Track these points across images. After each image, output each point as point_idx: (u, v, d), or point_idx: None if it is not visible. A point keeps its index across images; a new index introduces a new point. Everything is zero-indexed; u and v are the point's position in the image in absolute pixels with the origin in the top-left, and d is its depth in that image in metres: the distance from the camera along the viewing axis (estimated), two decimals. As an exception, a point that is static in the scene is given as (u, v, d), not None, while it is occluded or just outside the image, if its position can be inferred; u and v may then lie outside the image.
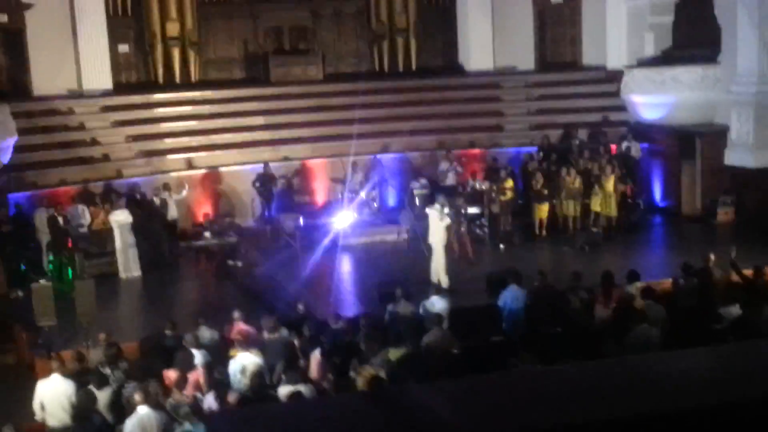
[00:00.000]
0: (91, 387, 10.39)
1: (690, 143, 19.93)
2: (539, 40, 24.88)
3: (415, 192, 19.70)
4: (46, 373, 10.87)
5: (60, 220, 16.85)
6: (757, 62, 18.95)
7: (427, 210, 16.05)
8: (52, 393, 10.36)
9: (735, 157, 19.28)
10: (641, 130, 21.17)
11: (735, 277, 13.08)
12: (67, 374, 10.64)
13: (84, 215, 17.51)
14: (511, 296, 12.75)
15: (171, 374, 10.58)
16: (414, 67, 24.59)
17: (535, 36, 24.83)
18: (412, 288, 13.57)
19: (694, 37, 21.60)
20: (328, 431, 4.51)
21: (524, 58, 24.59)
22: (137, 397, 9.41)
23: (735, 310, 11.51)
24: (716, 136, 19.73)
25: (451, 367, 10.30)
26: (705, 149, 19.75)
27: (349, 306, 14.62)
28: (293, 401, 8.80)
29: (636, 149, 20.42)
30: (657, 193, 20.76)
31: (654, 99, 20.93)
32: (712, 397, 4.73)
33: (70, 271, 15.72)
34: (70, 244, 16.45)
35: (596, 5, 23.46)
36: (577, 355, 9.64)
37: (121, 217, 16.88)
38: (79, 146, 20.17)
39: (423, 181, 20.05)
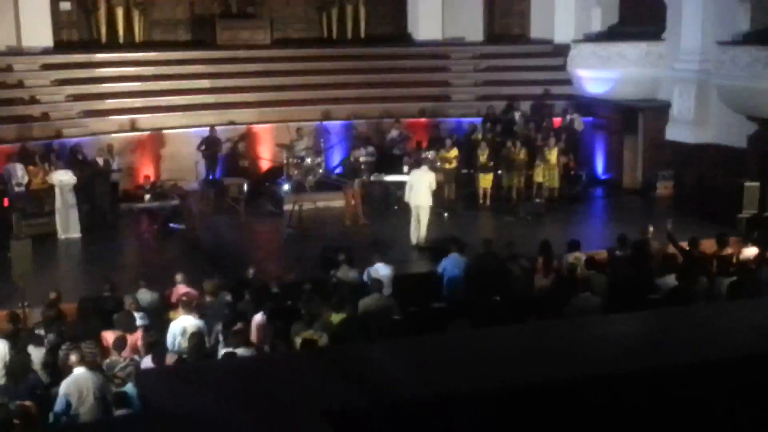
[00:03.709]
0: (27, 347, 10.25)
1: (632, 118, 20.24)
2: (488, 11, 24.85)
3: (361, 159, 19.67)
4: (-21, 333, 10.68)
5: (-3, 179, 16.53)
6: (700, 40, 19.22)
7: (413, 171, 16.11)
8: (-15, 353, 10.18)
9: (675, 132, 19.64)
10: (585, 104, 21.41)
11: (672, 249, 13.36)
12: (0, 335, 10.47)
13: (21, 174, 17.14)
14: (451, 264, 12.89)
15: (109, 336, 10.47)
16: (363, 34, 24.43)
17: (484, 8, 24.80)
18: (356, 254, 13.61)
19: (639, 13, 21.83)
20: (263, 387, 4.50)
21: (473, 29, 24.56)
22: (73, 357, 9.28)
23: (671, 280, 11.73)
24: (658, 111, 20.07)
25: (392, 332, 10.35)
26: (647, 124, 20.11)
27: (293, 271, 14.58)
28: (227, 360, 8.78)
29: (579, 122, 20.65)
30: (599, 166, 21.06)
31: (599, 74, 21.15)
32: (644, 361, 4.81)
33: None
34: (6, 203, 16.10)
35: (546, -22, 23.53)
36: (516, 323, 9.77)
37: (64, 177, 16.52)
38: (17, 104, 19.68)
39: (370, 148, 20.02)
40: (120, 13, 22.21)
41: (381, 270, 12.65)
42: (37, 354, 10.25)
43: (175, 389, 4.52)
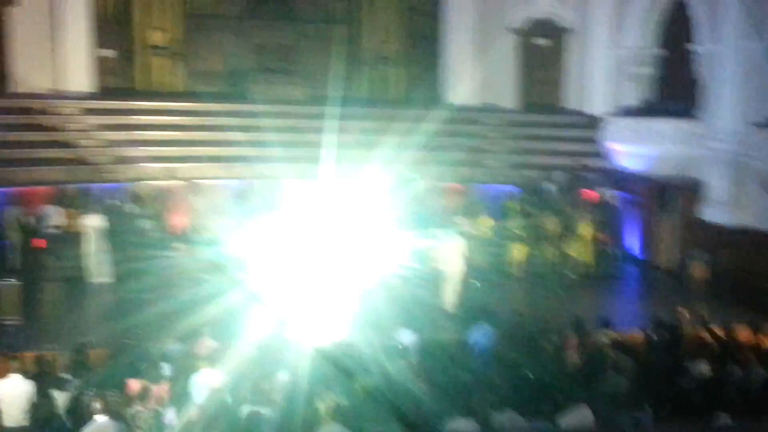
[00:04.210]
0: (52, 391, 10.22)
1: (668, 196, 19.99)
2: (523, 80, 25.01)
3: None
4: (4, 372, 10.67)
5: (32, 220, 16.63)
6: (737, 121, 19.11)
7: (441, 236, 16.09)
8: (11, 393, 10.21)
9: (712, 213, 19.31)
10: (618, 179, 21.25)
11: (705, 334, 13.11)
12: (27, 376, 10.45)
13: (56, 216, 17.27)
14: (481, 334, 12.71)
15: (134, 385, 10.39)
16: (396, 96, 24.60)
17: (519, 76, 24.96)
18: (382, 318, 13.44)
19: (675, 89, 21.84)
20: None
21: (507, 96, 24.71)
22: (96, 405, 9.24)
23: (703, 367, 11.50)
24: (694, 191, 19.76)
25: (416, 404, 10.19)
26: (682, 203, 19.80)
27: (324, 332, 14.42)
28: (251, 422, 8.75)
29: (612, 198, 20.50)
30: (633, 242, 20.76)
31: (634, 149, 21.09)
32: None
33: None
34: (43, 244, 16.21)
35: (580, 51, 23.73)
36: (547, 400, 9.59)
37: (95, 222, 16.68)
38: (57, 147, 19.94)
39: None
40: (161, 62, 22.58)
41: (407, 337, 12.51)
42: (61, 398, 10.21)
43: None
